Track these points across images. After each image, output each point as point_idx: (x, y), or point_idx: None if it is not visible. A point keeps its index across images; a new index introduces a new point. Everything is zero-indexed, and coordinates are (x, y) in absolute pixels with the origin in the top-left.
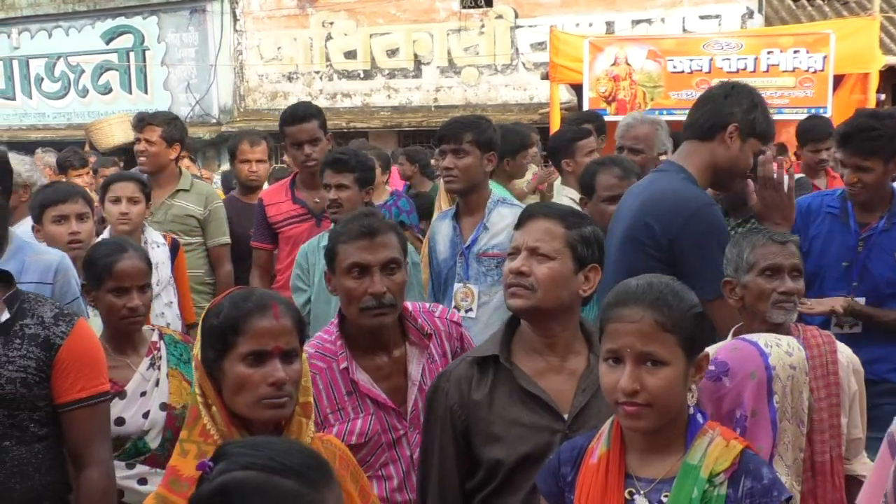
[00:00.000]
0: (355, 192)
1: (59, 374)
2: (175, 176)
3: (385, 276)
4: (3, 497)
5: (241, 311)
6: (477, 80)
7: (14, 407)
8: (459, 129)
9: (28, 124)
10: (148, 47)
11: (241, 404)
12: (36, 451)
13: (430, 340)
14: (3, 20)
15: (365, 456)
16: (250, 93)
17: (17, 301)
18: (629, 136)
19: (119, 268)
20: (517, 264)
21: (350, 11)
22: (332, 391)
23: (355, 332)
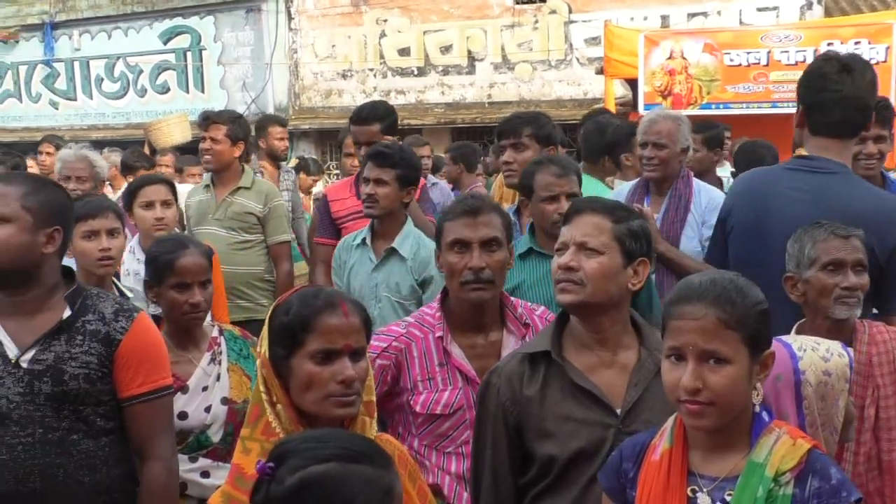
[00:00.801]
0: (394, 189)
1: (120, 369)
2: (238, 174)
3: (485, 253)
4: (72, 489)
5: (310, 308)
6: (531, 75)
7: (79, 402)
8: (518, 124)
9: (88, 124)
10: (204, 47)
11: (309, 402)
12: (103, 444)
13: (528, 330)
14: (64, 22)
15: (448, 429)
16: (305, 91)
17: (78, 297)
18: (652, 131)
19: (181, 264)
20: (565, 259)
21: (403, 9)
22: (425, 360)
23: (456, 308)
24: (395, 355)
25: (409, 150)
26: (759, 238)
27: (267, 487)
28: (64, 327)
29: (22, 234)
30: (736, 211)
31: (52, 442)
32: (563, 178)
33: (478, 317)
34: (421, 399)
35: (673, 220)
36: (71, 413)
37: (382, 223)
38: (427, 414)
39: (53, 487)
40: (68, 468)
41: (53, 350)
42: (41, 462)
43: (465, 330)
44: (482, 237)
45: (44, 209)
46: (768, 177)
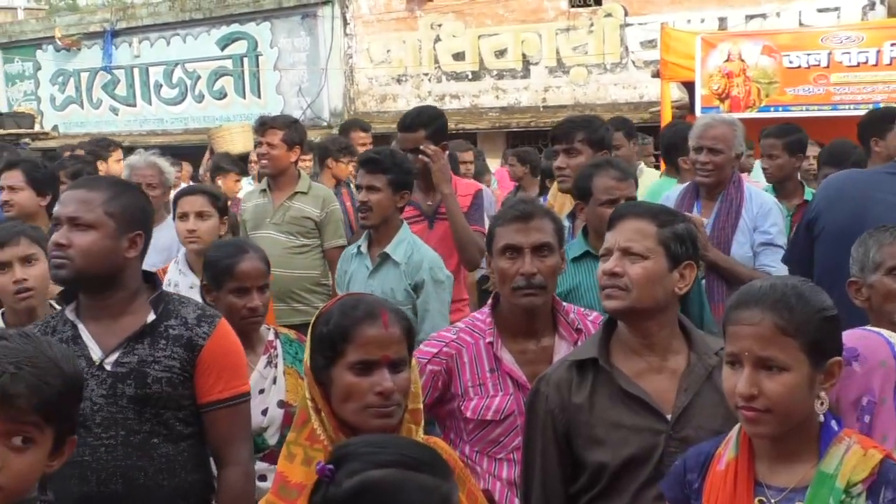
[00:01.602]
0: (387, 195)
1: (201, 374)
2: (294, 178)
3: (536, 258)
4: (151, 493)
5: (350, 319)
6: (586, 79)
7: (161, 406)
8: (571, 129)
9: (147, 130)
10: (261, 53)
11: (348, 412)
12: (182, 448)
13: (580, 336)
14: (124, 30)
15: (499, 435)
16: (360, 96)
17: (161, 302)
18: (708, 136)
19: (240, 269)
20: (610, 265)
21: (458, 13)
22: (475, 366)
23: (507, 313)
24: (446, 361)
25: (400, 155)
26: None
27: (325, 489)
28: (147, 331)
29: (105, 239)
30: (827, 214)
31: (134, 445)
32: (624, 182)
33: (529, 322)
34: (472, 405)
35: (724, 226)
36: (152, 416)
37: (377, 230)
38: (478, 420)
39: (134, 490)
40: (148, 471)
41: (137, 353)
42: (122, 464)
43: (517, 335)
44: (534, 242)
45: (126, 214)
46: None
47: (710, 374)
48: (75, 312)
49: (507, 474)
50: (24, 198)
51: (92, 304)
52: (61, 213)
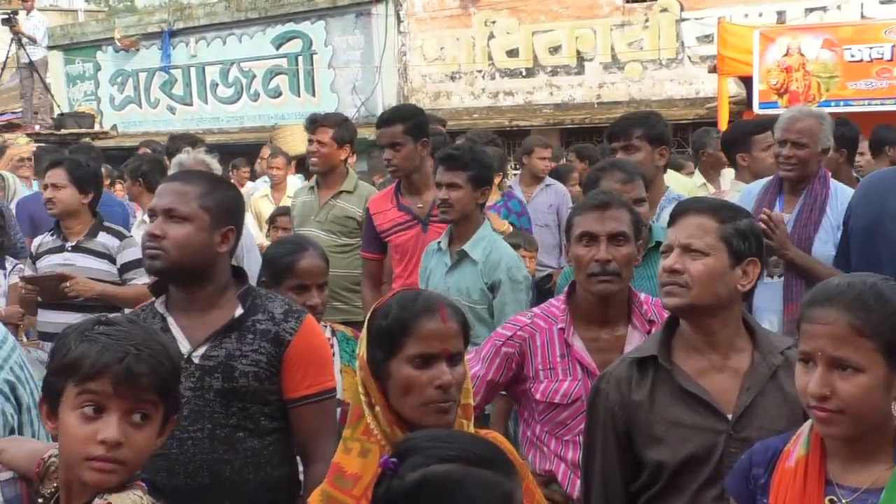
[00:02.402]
0: (468, 191)
1: (287, 369)
2: (342, 177)
3: (612, 246)
4: (238, 486)
5: (409, 312)
6: (641, 75)
7: (247, 400)
8: (629, 125)
9: (203, 128)
10: (315, 51)
11: (406, 406)
12: (267, 443)
13: (653, 327)
14: (182, 30)
15: (566, 418)
16: (414, 93)
17: (249, 297)
18: (794, 129)
19: (300, 266)
20: (670, 262)
21: (512, 10)
22: (547, 350)
23: (582, 301)
24: (520, 343)
25: (479, 150)
26: (875, 241)
27: (389, 482)
28: (235, 325)
29: (199, 233)
30: (856, 212)
31: (220, 438)
32: (629, 184)
33: (603, 310)
34: (541, 387)
35: (806, 223)
36: (238, 410)
37: (458, 226)
38: (546, 402)
39: (220, 483)
40: (235, 465)
41: (225, 347)
42: (209, 457)
43: (591, 323)
44: (610, 230)
45: (219, 209)
46: (888, 178)
47: (775, 373)
48: (165, 305)
49: (572, 456)
50: (66, 195)
51: (182, 297)
52: (157, 205)
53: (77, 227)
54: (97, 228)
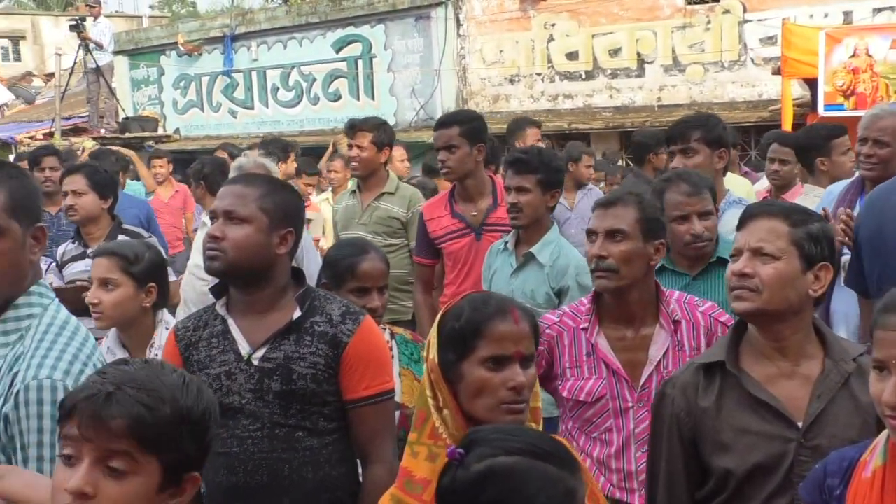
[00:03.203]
0: (537, 195)
1: (345, 371)
2: (383, 179)
3: (608, 243)
4: (297, 484)
5: (482, 314)
6: (702, 77)
7: (306, 401)
8: (687, 128)
9: (264, 131)
10: (375, 55)
11: (479, 408)
12: (326, 443)
13: (678, 327)
14: (243, 34)
15: (592, 416)
16: (473, 96)
17: (308, 299)
18: (875, 127)
19: (362, 269)
20: (739, 266)
21: (572, 12)
22: (573, 349)
23: (606, 299)
24: (549, 342)
25: (548, 153)
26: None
27: (454, 472)
28: (293, 327)
29: (258, 234)
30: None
31: (279, 437)
32: (695, 197)
33: (625, 308)
34: (568, 385)
35: None
36: (297, 412)
37: (526, 229)
38: (573, 400)
39: (279, 482)
40: (293, 464)
41: (283, 349)
42: (268, 456)
43: (616, 321)
44: (607, 227)
45: (279, 211)
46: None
47: (847, 380)
48: (225, 307)
49: (598, 453)
50: (87, 202)
51: (242, 300)
52: (217, 207)
53: (97, 233)
54: (116, 232)
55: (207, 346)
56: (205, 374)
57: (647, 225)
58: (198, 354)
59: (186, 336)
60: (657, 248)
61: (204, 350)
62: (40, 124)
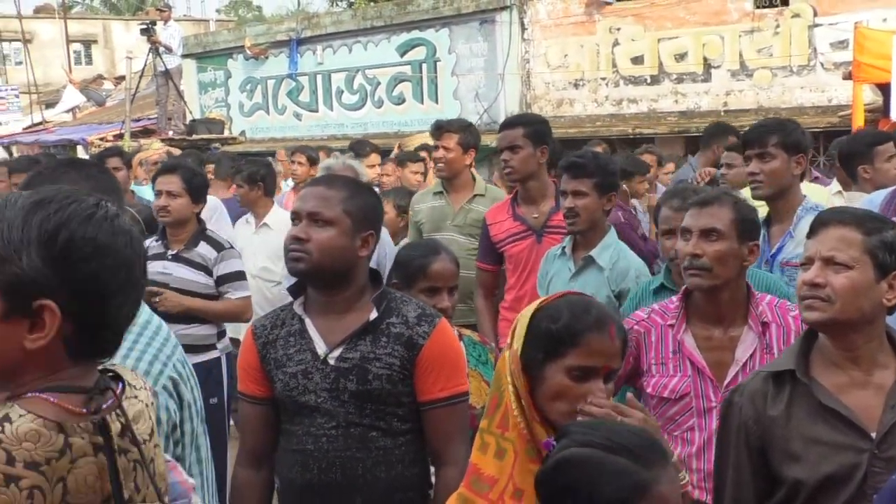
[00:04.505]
0: (594, 199)
1: (420, 373)
2: (470, 181)
3: (703, 242)
4: (370, 483)
5: (581, 323)
6: (770, 82)
7: (381, 402)
8: (764, 133)
9: (328, 134)
10: (439, 58)
11: (553, 411)
12: (400, 443)
13: (767, 329)
14: (309, 38)
15: (674, 414)
16: (536, 100)
17: (384, 300)
18: None
19: (433, 269)
20: (811, 275)
21: (637, 16)
22: (660, 345)
23: (696, 298)
24: (636, 338)
25: (604, 157)
26: None
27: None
28: (370, 328)
29: (342, 237)
30: None
31: (354, 437)
32: (683, 212)
33: (715, 308)
34: (653, 381)
35: None
36: (372, 412)
37: (584, 233)
38: (657, 397)
39: (353, 480)
40: (367, 463)
41: (359, 350)
42: (342, 455)
43: (705, 321)
44: (702, 226)
45: (360, 213)
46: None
47: None
48: (303, 307)
49: (679, 452)
50: (181, 205)
51: (320, 300)
52: (302, 209)
53: (182, 236)
54: (198, 237)
55: (285, 344)
56: (281, 372)
57: (743, 226)
58: (275, 353)
59: (264, 334)
60: (751, 249)
61: (281, 348)
62: (110, 126)
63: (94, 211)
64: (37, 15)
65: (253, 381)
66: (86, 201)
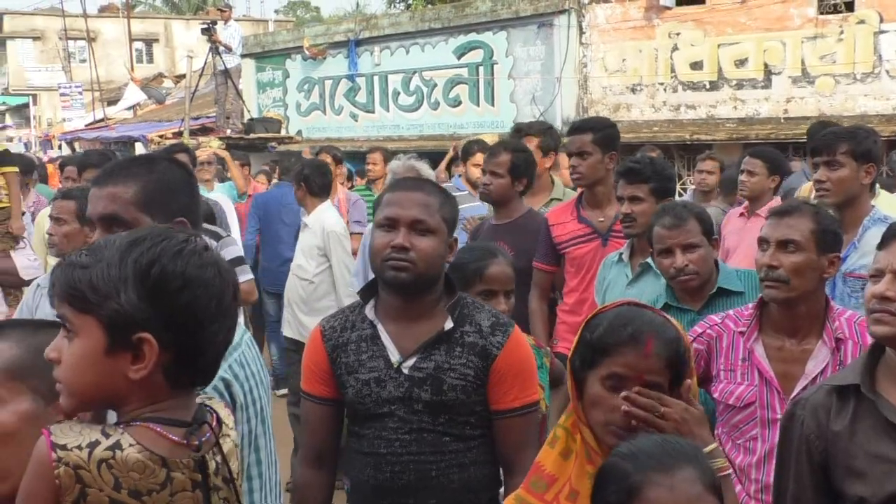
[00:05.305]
0: (650, 204)
1: (494, 382)
2: (548, 185)
3: (780, 253)
4: (443, 486)
5: (614, 337)
6: (832, 89)
7: (454, 412)
8: (834, 140)
9: (384, 135)
10: (496, 61)
11: (592, 419)
12: (472, 446)
13: (841, 345)
14: (367, 39)
15: (739, 422)
16: (593, 105)
17: (458, 308)
18: None
19: (489, 273)
20: (881, 289)
21: (698, 21)
22: (730, 352)
23: (770, 308)
24: (708, 342)
25: (660, 162)
26: None
27: None
28: (444, 337)
29: (442, 245)
30: None
31: (426, 441)
32: (676, 230)
33: (789, 320)
34: (720, 387)
35: None
36: (446, 421)
37: (640, 239)
38: (723, 403)
39: (425, 483)
40: (440, 465)
41: (434, 359)
42: (415, 458)
43: (779, 331)
44: (779, 237)
45: (452, 219)
46: None
47: None
48: (374, 310)
49: (740, 460)
50: None
51: (395, 306)
52: (402, 216)
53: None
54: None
55: (356, 349)
56: (353, 378)
57: (823, 237)
58: (346, 357)
59: (334, 337)
60: (831, 261)
61: (353, 354)
62: (170, 124)
63: (183, 246)
64: (101, 14)
65: (319, 382)
66: (176, 237)
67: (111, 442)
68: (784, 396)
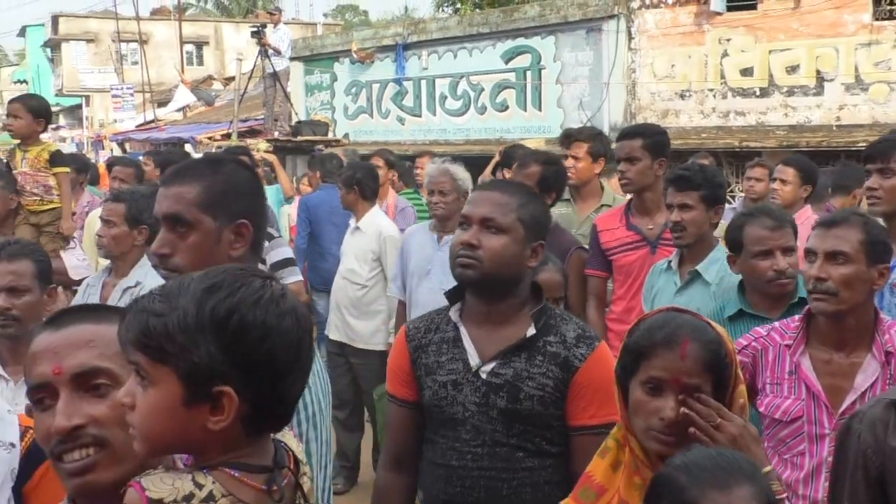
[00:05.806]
0: (700, 212)
1: (573, 396)
2: (597, 190)
3: (829, 265)
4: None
5: (649, 339)
6: (886, 97)
7: (529, 423)
8: (888, 148)
9: (430, 139)
10: (544, 66)
11: (635, 425)
12: (547, 464)
13: (892, 359)
14: (415, 43)
15: (785, 436)
16: (641, 111)
17: (543, 316)
18: None
19: (540, 279)
20: None
21: (749, 27)
22: (776, 365)
23: (818, 320)
24: (753, 355)
25: (710, 169)
26: None
27: None
28: (526, 345)
29: (514, 245)
30: None
31: (499, 456)
32: (778, 231)
33: (837, 332)
34: (766, 401)
35: None
36: (520, 432)
37: (690, 247)
38: (769, 417)
39: (495, 500)
40: (512, 483)
41: (513, 366)
42: (487, 473)
43: (826, 344)
44: (827, 248)
45: (532, 222)
46: None
47: None
48: (459, 314)
49: (787, 476)
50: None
51: (479, 309)
52: (473, 213)
53: None
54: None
55: (437, 351)
56: (431, 379)
57: (872, 248)
58: (426, 358)
59: (417, 337)
60: (881, 272)
61: (433, 355)
62: (218, 125)
63: (261, 294)
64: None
65: (402, 384)
66: (252, 284)
67: (205, 494)
68: (832, 411)
